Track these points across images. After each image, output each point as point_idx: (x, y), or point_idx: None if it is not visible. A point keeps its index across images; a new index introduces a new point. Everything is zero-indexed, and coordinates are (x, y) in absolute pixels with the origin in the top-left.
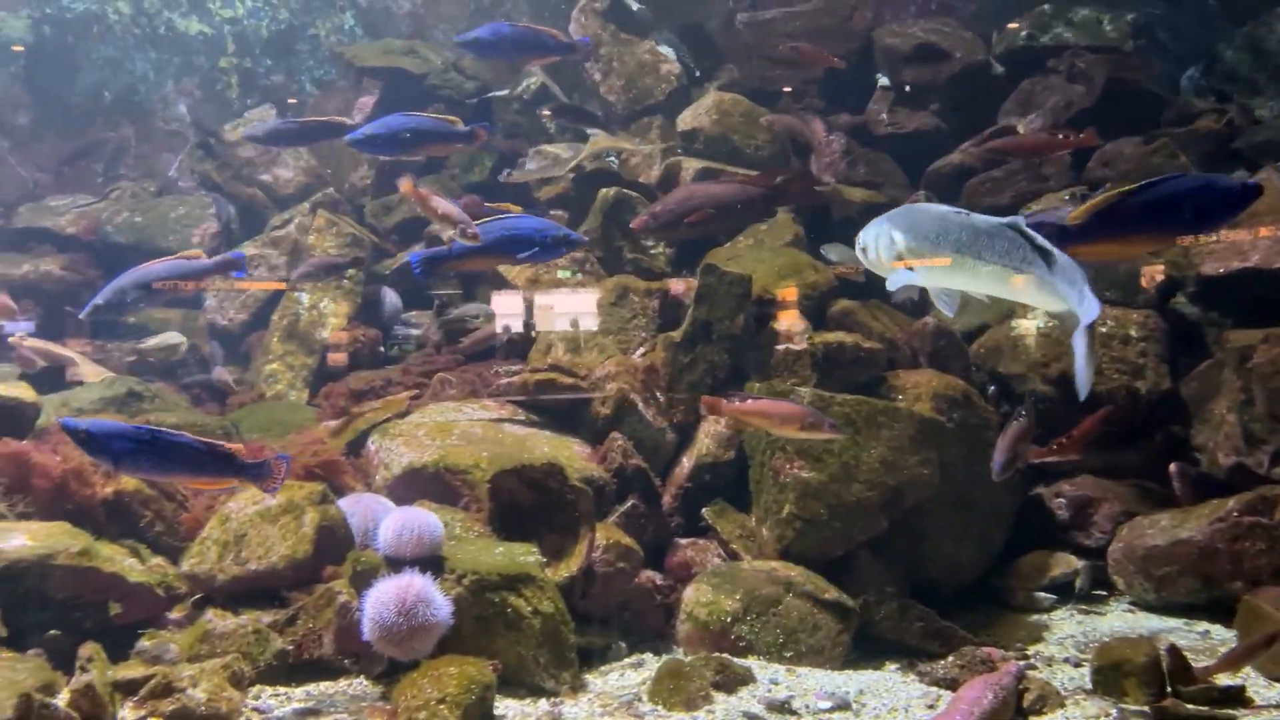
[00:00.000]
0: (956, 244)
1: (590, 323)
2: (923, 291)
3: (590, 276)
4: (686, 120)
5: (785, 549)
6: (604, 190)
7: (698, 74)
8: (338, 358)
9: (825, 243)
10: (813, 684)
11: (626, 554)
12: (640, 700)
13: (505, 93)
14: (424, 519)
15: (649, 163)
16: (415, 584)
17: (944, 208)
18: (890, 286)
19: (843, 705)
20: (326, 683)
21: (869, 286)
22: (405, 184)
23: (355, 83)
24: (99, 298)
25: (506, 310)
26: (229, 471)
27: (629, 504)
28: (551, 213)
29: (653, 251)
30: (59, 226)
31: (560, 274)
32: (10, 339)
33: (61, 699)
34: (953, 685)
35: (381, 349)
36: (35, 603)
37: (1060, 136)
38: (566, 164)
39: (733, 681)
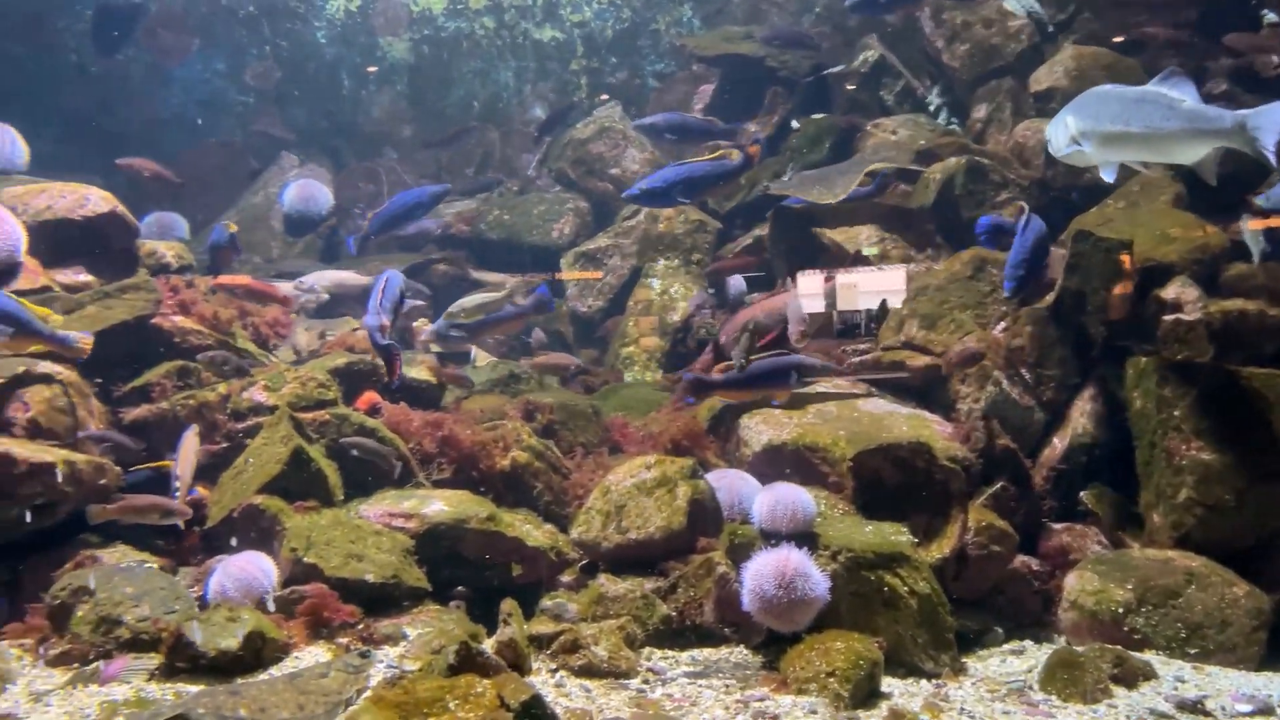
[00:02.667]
0: (1113, 116)
1: (940, 299)
2: None
3: (940, 250)
4: (1040, 80)
5: (1182, 537)
6: (948, 161)
7: (1051, 29)
8: (648, 343)
9: (1212, 195)
10: (1226, 684)
11: (1000, 537)
12: (1031, 689)
13: (841, 68)
14: (797, 495)
15: (1000, 128)
16: (793, 558)
17: (1111, 87)
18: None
19: (1265, 710)
20: (708, 649)
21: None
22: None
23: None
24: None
25: (852, 289)
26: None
27: (997, 485)
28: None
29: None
30: (441, 227)
31: (866, 251)
32: (414, 325)
33: (487, 647)
34: None
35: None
36: (451, 562)
37: None
38: (894, 151)
39: (1132, 675)
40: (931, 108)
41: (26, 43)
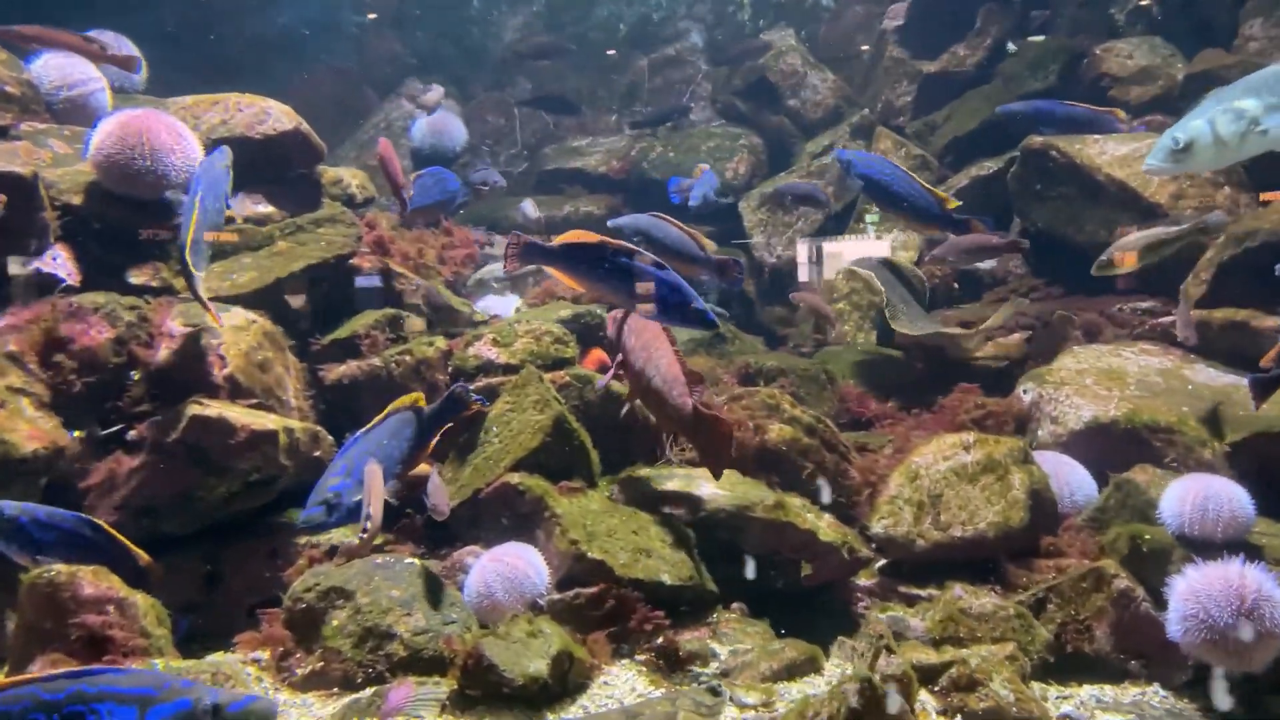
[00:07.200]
0: None
1: None
2: None
3: (1238, 191)
4: None
5: None
6: None
7: None
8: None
9: None
10: None
11: None
12: None
13: None
14: (1234, 492)
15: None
16: (1250, 577)
17: None
18: None
19: None
20: (1109, 686)
21: None
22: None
23: None
24: None
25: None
26: None
27: None
28: (1145, 119)
29: None
30: (589, 166)
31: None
32: None
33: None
34: None
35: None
36: (727, 557)
37: None
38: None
39: None
40: None
41: None
